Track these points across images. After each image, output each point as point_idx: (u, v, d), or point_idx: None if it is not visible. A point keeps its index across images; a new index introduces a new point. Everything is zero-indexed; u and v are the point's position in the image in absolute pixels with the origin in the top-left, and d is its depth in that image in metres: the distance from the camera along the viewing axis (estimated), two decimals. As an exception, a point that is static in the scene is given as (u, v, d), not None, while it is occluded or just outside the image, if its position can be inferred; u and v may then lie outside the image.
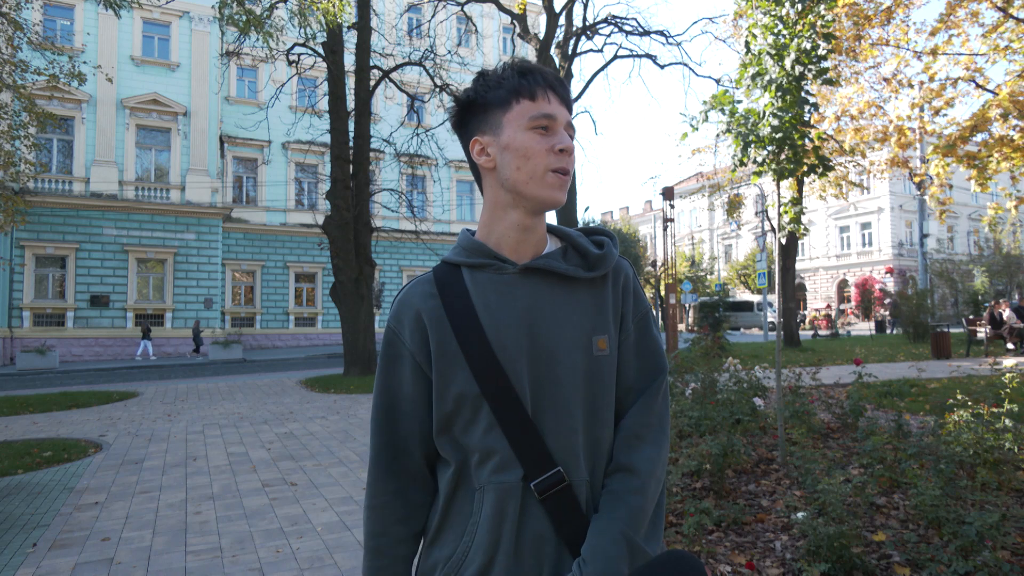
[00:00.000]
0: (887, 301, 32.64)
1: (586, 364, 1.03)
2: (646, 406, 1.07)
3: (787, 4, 4.46)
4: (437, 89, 15.75)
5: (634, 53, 17.57)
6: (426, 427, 1.06)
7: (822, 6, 4.40)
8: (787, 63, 4.36)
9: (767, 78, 4.46)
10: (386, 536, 1.06)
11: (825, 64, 4.48)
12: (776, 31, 4.45)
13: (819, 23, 4.39)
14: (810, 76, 4.40)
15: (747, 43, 4.66)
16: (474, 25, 18.58)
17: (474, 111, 1.08)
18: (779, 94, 4.40)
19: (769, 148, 4.51)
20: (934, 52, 10.61)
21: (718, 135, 4.71)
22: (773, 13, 4.48)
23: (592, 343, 1.03)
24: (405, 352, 1.05)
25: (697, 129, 4.62)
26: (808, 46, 4.31)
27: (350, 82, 14.54)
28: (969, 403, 4.68)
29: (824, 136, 5.13)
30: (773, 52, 4.42)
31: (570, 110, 1.07)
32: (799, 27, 4.38)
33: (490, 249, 1.06)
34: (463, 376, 1.00)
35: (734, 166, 4.76)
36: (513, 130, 1.03)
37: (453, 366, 1.01)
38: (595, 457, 1.03)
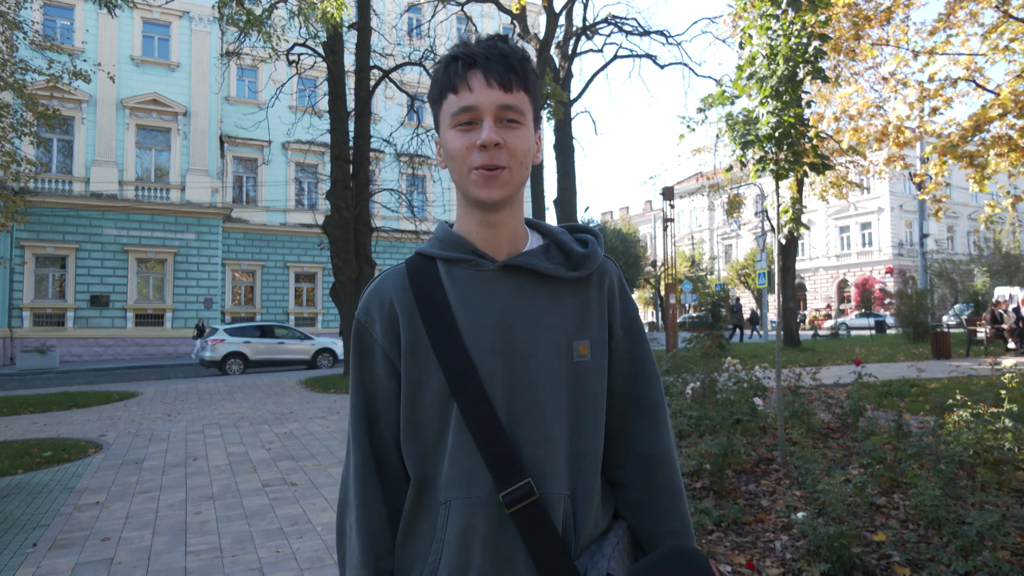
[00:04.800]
0: (887, 301, 32.62)
1: (566, 370, 0.96)
2: (660, 422, 1.05)
3: (782, 3, 4.46)
4: (437, 89, 15.73)
5: (634, 53, 17.62)
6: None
7: (814, 6, 4.41)
8: (779, 62, 4.36)
9: (760, 75, 4.47)
10: (375, 548, 0.98)
11: (820, 64, 4.49)
12: (771, 30, 4.45)
13: (812, 22, 4.39)
14: (803, 75, 4.40)
15: (742, 44, 4.68)
16: (474, 25, 18.61)
17: (432, 108, 1.02)
18: (773, 94, 4.41)
19: (767, 147, 4.52)
20: (932, 52, 10.60)
21: (717, 135, 4.72)
22: (768, 13, 4.48)
23: (573, 348, 0.97)
24: (376, 347, 0.99)
25: (694, 130, 4.63)
26: (802, 45, 4.32)
27: (350, 82, 14.54)
28: (969, 403, 4.68)
29: (823, 135, 5.15)
30: (767, 52, 4.43)
31: (509, 86, 0.93)
32: (793, 27, 4.39)
33: (469, 243, 0.99)
34: (434, 376, 0.94)
35: (731, 166, 4.77)
36: (444, 129, 0.97)
37: (424, 364, 0.95)
38: (578, 471, 0.96)
